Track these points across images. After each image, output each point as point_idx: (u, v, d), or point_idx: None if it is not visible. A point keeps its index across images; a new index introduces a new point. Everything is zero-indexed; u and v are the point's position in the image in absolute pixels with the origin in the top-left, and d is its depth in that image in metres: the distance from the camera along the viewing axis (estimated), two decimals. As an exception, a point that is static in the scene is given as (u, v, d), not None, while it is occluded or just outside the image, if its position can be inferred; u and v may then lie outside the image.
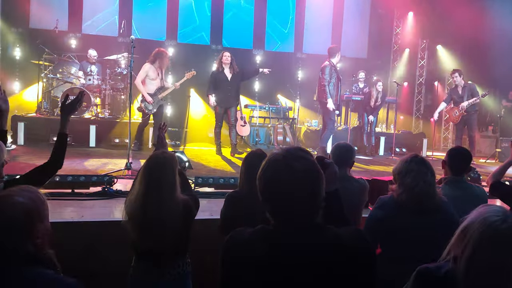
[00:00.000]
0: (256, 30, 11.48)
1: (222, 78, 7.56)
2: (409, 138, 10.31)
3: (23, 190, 1.63)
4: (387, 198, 2.56)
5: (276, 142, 9.43)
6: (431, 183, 2.44)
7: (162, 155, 2.52)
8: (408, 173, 2.43)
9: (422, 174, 2.42)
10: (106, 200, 3.97)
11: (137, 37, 8.14)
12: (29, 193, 1.62)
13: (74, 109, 2.71)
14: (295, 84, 11.33)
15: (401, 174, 2.48)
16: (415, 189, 2.38)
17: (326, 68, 7.39)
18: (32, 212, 1.57)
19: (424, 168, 2.45)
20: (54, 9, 9.96)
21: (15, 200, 1.56)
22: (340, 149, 3.15)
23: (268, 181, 1.44)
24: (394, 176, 2.55)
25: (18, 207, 1.55)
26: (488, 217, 1.44)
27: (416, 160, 2.49)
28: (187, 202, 2.51)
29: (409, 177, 2.42)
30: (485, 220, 1.44)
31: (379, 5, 11.99)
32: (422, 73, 12.52)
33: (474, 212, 1.52)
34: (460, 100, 8.37)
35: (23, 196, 1.59)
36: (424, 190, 2.39)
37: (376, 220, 2.54)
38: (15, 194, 1.59)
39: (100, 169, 5.46)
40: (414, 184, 2.39)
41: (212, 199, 4.16)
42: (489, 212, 1.47)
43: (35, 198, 1.62)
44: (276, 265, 1.38)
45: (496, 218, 1.43)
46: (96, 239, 3.23)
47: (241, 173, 2.79)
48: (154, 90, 7.41)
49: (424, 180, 2.41)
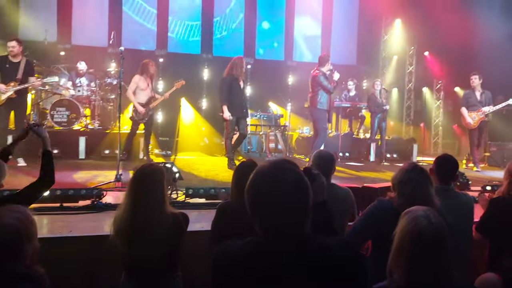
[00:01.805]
0: (246, 38, 11.51)
1: (237, 86, 7.16)
2: (399, 143, 10.36)
3: (11, 211, 1.60)
4: (387, 202, 2.54)
5: (268, 149, 9.42)
6: (430, 193, 2.44)
7: (149, 168, 2.51)
8: (409, 182, 2.42)
9: (423, 184, 2.42)
10: (95, 213, 3.93)
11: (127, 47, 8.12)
12: (17, 213, 1.60)
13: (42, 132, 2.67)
14: (285, 92, 11.37)
15: (401, 183, 2.46)
16: (414, 199, 2.35)
17: (320, 76, 7.42)
18: (20, 233, 1.55)
19: (424, 178, 2.45)
20: (43, 20, 9.91)
21: (2, 221, 1.54)
22: (320, 158, 3.13)
23: (255, 194, 1.45)
24: (394, 184, 2.53)
25: (6, 229, 1.53)
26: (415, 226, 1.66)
27: (416, 169, 2.49)
28: (176, 216, 2.49)
29: (410, 187, 2.41)
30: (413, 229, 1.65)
31: (367, 13, 12.10)
32: (411, 79, 12.63)
33: (401, 224, 1.71)
34: (479, 105, 8.17)
35: (11, 217, 1.56)
36: (424, 200, 2.39)
37: (372, 214, 2.53)
38: (3, 215, 1.56)
39: (90, 182, 5.41)
40: (415, 194, 2.38)
41: (203, 210, 4.14)
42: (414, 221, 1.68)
43: (23, 219, 1.60)
44: (266, 276, 1.39)
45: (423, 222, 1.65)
46: (85, 254, 3.19)
47: (232, 184, 2.79)
48: (145, 100, 7.53)
49: (424, 190, 2.41)
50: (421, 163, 8.43)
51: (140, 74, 7.51)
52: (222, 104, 7.07)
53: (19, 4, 9.94)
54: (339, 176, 6.68)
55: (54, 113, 8.04)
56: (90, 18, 10.39)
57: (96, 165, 7.09)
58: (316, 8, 12.05)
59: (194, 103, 10.89)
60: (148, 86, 7.59)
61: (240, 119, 7.22)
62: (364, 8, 12.14)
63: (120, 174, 5.18)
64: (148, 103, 7.55)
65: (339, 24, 12.25)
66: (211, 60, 11.14)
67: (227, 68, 7.15)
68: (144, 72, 7.52)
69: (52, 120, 8.04)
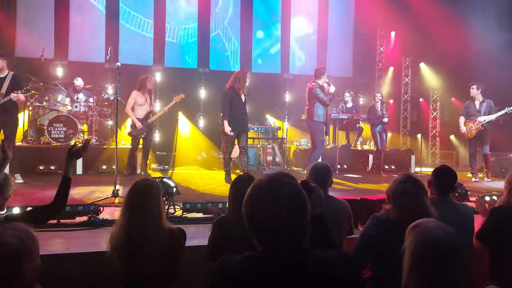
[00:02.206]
0: (243, 52, 11.58)
1: (238, 100, 7.04)
2: (397, 154, 10.38)
3: (12, 229, 1.59)
4: (382, 217, 2.51)
5: (266, 162, 9.41)
6: (426, 204, 2.42)
7: (145, 183, 2.49)
8: (403, 194, 2.41)
9: (417, 195, 2.41)
10: (92, 230, 3.90)
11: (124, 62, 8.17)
12: (19, 232, 1.58)
13: (80, 155, 2.68)
14: (282, 104, 11.41)
15: (396, 195, 2.45)
16: (410, 210, 2.34)
17: (316, 88, 7.45)
18: (20, 253, 1.54)
19: (418, 189, 2.44)
20: (40, 37, 9.98)
21: (2, 240, 1.52)
22: (317, 170, 3.11)
23: (253, 207, 1.45)
24: (388, 196, 2.52)
25: (5, 248, 1.51)
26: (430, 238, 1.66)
27: (410, 180, 2.47)
28: (174, 232, 2.47)
29: (405, 198, 2.39)
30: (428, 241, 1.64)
31: (362, 25, 12.22)
32: (407, 90, 12.71)
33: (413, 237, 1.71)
34: (478, 114, 8.20)
35: (12, 236, 1.55)
36: (420, 212, 2.37)
37: (369, 237, 2.50)
38: (3, 234, 1.54)
39: (87, 198, 5.38)
40: (410, 206, 2.36)
41: (201, 225, 4.11)
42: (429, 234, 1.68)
43: (24, 238, 1.58)
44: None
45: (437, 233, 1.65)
46: (82, 271, 3.15)
47: (229, 198, 2.77)
48: (143, 115, 7.57)
49: (419, 201, 2.40)
50: (419, 174, 8.53)
51: (138, 90, 7.55)
52: (222, 118, 6.99)
53: (16, 21, 10.00)
54: (337, 188, 6.67)
55: (51, 129, 8.05)
56: (87, 34, 10.46)
57: (93, 180, 7.06)
58: (312, 21, 12.15)
59: (191, 117, 10.90)
60: (146, 101, 7.62)
61: (240, 133, 7.12)
62: (359, 20, 12.26)
63: (117, 190, 5.15)
64: (146, 118, 7.59)
65: (335, 36, 12.36)
66: (208, 74, 11.20)
67: (229, 81, 7.06)
68: (142, 87, 7.55)
69: (50, 136, 8.04)
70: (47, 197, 5.30)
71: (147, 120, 7.56)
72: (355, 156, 9.92)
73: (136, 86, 7.59)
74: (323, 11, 12.18)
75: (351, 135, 10.96)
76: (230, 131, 6.88)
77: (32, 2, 10.18)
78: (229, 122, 6.92)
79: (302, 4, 12.01)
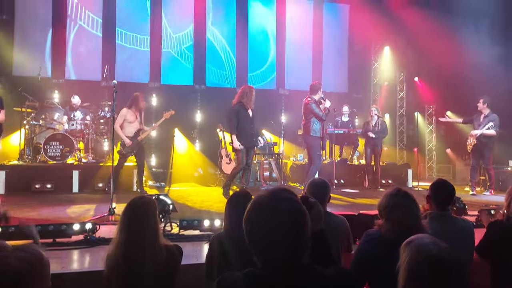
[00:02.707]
0: (238, 69, 11.66)
1: (245, 114, 6.98)
2: (394, 169, 10.39)
3: (21, 251, 1.53)
4: (375, 234, 2.51)
5: (263, 178, 9.39)
6: (418, 217, 2.43)
7: (141, 200, 2.46)
8: (395, 207, 2.41)
9: (409, 208, 2.41)
10: (88, 248, 3.85)
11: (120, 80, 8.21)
12: (27, 254, 1.53)
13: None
14: (278, 120, 11.45)
15: (387, 209, 2.45)
16: (403, 223, 2.35)
17: (311, 104, 7.48)
18: (26, 277, 1.47)
19: (409, 202, 2.44)
20: (38, 56, 10.05)
21: (8, 262, 1.47)
22: (315, 186, 3.11)
23: (254, 223, 1.44)
24: (380, 211, 2.52)
25: (10, 271, 1.45)
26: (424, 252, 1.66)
27: (401, 194, 2.48)
28: (171, 249, 2.44)
29: (397, 212, 2.39)
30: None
31: (357, 41, 12.35)
32: (402, 104, 12.80)
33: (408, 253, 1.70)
34: (478, 128, 8.30)
35: (19, 258, 1.49)
36: (412, 224, 2.37)
37: (364, 255, 2.49)
38: (10, 256, 1.49)
39: (83, 216, 5.34)
40: (402, 219, 2.37)
41: (197, 242, 4.07)
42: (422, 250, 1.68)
43: (32, 260, 1.52)
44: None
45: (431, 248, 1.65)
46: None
47: (226, 215, 2.75)
48: (133, 132, 7.54)
49: (411, 214, 2.40)
50: (416, 189, 8.52)
51: (129, 107, 7.54)
52: (231, 133, 6.91)
53: (14, 40, 10.05)
54: (335, 204, 6.65)
55: (47, 147, 8.02)
56: (84, 53, 10.53)
57: (89, 198, 7.02)
58: (307, 37, 12.28)
59: (188, 133, 10.90)
60: (137, 119, 7.62)
61: (249, 149, 7.06)
62: (353, 36, 12.40)
63: (113, 208, 5.12)
64: (136, 135, 7.57)
65: (330, 52, 12.48)
66: (204, 91, 11.24)
67: (236, 97, 7.06)
68: (133, 105, 7.56)
69: (46, 155, 8.01)
70: (42, 217, 5.27)
71: (137, 137, 7.55)
72: (352, 171, 9.93)
73: (127, 104, 7.61)
74: (317, 27, 12.32)
75: (347, 150, 10.99)
76: (239, 146, 6.81)
77: (30, 21, 10.26)
78: (238, 136, 6.86)
79: (296, 21, 12.14)
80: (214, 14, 11.60)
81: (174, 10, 11.28)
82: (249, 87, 7.14)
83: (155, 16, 10.94)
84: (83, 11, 10.58)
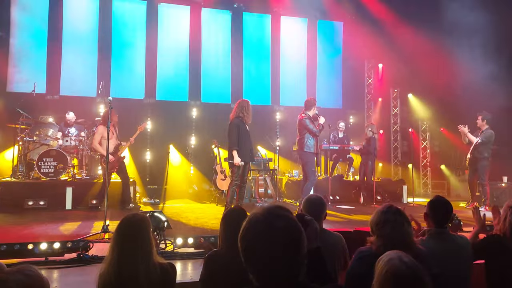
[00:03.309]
0: (233, 85, 11.71)
1: (245, 129, 6.79)
2: (389, 185, 10.38)
3: (19, 273, 1.51)
4: (367, 252, 2.50)
5: (258, 194, 9.34)
6: (408, 233, 2.44)
7: (134, 218, 2.43)
8: (386, 223, 2.43)
9: (399, 224, 2.43)
10: (81, 267, 3.79)
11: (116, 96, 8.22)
12: (26, 277, 1.50)
13: None
14: (273, 136, 11.46)
15: (379, 225, 2.47)
16: (393, 240, 2.36)
17: (305, 120, 7.50)
18: None
19: (400, 218, 2.46)
20: (32, 72, 10.04)
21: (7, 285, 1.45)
22: (311, 203, 3.08)
23: (250, 242, 1.43)
24: (372, 227, 2.53)
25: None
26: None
27: (392, 210, 2.50)
28: (165, 268, 2.41)
29: (387, 228, 2.41)
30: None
31: (350, 58, 12.48)
32: (396, 120, 12.88)
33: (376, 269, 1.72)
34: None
35: (18, 282, 1.47)
36: (402, 240, 2.37)
37: (356, 274, 2.47)
38: (9, 280, 1.47)
39: (76, 233, 5.28)
40: (393, 235, 2.38)
41: (192, 260, 4.03)
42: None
43: (30, 283, 1.50)
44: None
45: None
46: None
47: (220, 232, 2.72)
48: (112, 148, 7.54)
49: (401, 230, 2.41)
50: (412, 205, 8.50)
51: (104, 124, 7.54)
52: (232, 149, 6.60)
53: (9, 56, 10.06)
54: (331, 220, 6.63)
55: (41, 163, 7.97)
56: (79, 69, 10.53)
57: (82, 216, 6.95)
58: (301, 54, 12.40)
59: (183, 150, 10.88)
60: (113, 135, 7.65)
61: (246, 164, 6.82)
62: (347, 53, 12.54)
63: (107, 225, 5.06)
64: (116, 151, 7.66)
65: (324, 69, 12.61)
66: (199, 107, 11.27)
67: (234, 111, 6.86)
68: (106, 122, 7.54)
69: (39, 171, 7.95)
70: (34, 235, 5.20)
71: (116, 153, 7.66)
72: (347, 187, 9.91)
73: (101, 121, 7.79)
74: (312, 44, 12.46)
75: (342, 165, 10.99)
76: (240, 161, 6.57)
77: (26, 37, 10.28)
78: (238, 152, 6.62)
79: (291, 37, 12.28)
80: (209, 31, 11.68)
81: (170, 26, 11.36)
82: (246, 101, 6.98)
83: (151, 32, 11.01)
84: (79, 27, 10.63)
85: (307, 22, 12.50)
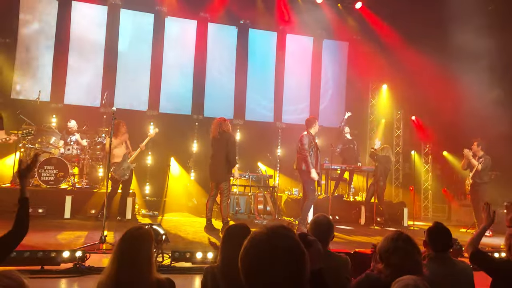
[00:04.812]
0: (237, 100, 11.75)
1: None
2: (389, 207, 10.29)
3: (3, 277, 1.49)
4: (375, 279, 2.44)
5: (257, 211, 9.27)
6: (419, 262, 2.39)
7: (137, 232, 2.41)
8: (396, 251, 2.37)
9: (410, 253, 2.37)
10: (77, 277, 3.75)
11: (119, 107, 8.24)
12: (9, 280, 1.49)
13: (31, 170, 2.55)
14: (274, 153, 11.45)
15: (388, 253, 2.41)
16: (403, 268, 2.29)
17: (304, 138, 7.52)
18: None
19: (411, 247, 2.40)
20: (38, 80, 10.09)
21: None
22: (319, 225, 3.02)
23: (251, 261, 1.40)
24: (380, 255, 2.47)
25: None
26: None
27: (402, 238, 2.43)
28: (162, 283, 2.37)
29: (397, 257, 2.35)
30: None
31: (355, 78, 12.53)
32: (398, 142, 12.86)
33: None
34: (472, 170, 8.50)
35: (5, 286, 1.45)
36: (412, 270, 2.32)
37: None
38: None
39: (73, 243, 5.22)
40: (403, 264, 2.32)
41: (190, 275, 3.98)
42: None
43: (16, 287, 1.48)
44: None
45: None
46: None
47: (221, 247, 2.69)
48: (122, 156, 7.66)
49: (412, 259, 2.36)
50: (412, 228, 8.42)
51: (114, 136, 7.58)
52: (233, 164, 7.04)
53: (15, 64, 10.12)
54: (330, 240, 6.55)
55: (42, 171, 7.95)
56: (84, 78, 10.58)
57: (81, 225, 6.91)
58: (306, 72, 12.46)
59: (183, 163, 10.86)
60: (123, 144, 7.81)
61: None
62: (351, 73, 12.59)
63: (105, 236, 5.02)
64: (125, 159, 7.70)
65: (328, 88, 12.65)
66: (202, 121, 11.28)
67: (227, 128, 7.21)
68: (116, 132, 7.68)
69: (39, 179, 7.93)
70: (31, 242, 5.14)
71: (126, 161, 7.70)
72: (347, 207, 9.84)
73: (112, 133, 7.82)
74: (316, 63, 12.53)
75: (342, 185, 10.94)
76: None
77: (32, 45, 10.36)
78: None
79: (296, 56, 12.36)
80: (214, 46, 11.77)
81: (176, 39, 11.45)
82: (224, 119, 7.34)
83: (157, 44, 11.09)
84: (86, 37, 10.72)
85: (313, 41, 12.59)
